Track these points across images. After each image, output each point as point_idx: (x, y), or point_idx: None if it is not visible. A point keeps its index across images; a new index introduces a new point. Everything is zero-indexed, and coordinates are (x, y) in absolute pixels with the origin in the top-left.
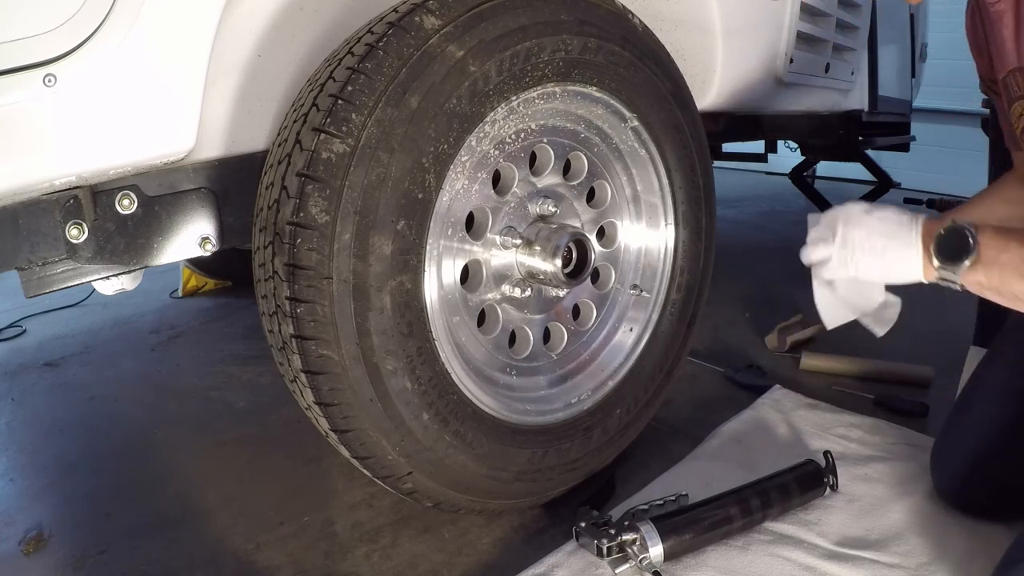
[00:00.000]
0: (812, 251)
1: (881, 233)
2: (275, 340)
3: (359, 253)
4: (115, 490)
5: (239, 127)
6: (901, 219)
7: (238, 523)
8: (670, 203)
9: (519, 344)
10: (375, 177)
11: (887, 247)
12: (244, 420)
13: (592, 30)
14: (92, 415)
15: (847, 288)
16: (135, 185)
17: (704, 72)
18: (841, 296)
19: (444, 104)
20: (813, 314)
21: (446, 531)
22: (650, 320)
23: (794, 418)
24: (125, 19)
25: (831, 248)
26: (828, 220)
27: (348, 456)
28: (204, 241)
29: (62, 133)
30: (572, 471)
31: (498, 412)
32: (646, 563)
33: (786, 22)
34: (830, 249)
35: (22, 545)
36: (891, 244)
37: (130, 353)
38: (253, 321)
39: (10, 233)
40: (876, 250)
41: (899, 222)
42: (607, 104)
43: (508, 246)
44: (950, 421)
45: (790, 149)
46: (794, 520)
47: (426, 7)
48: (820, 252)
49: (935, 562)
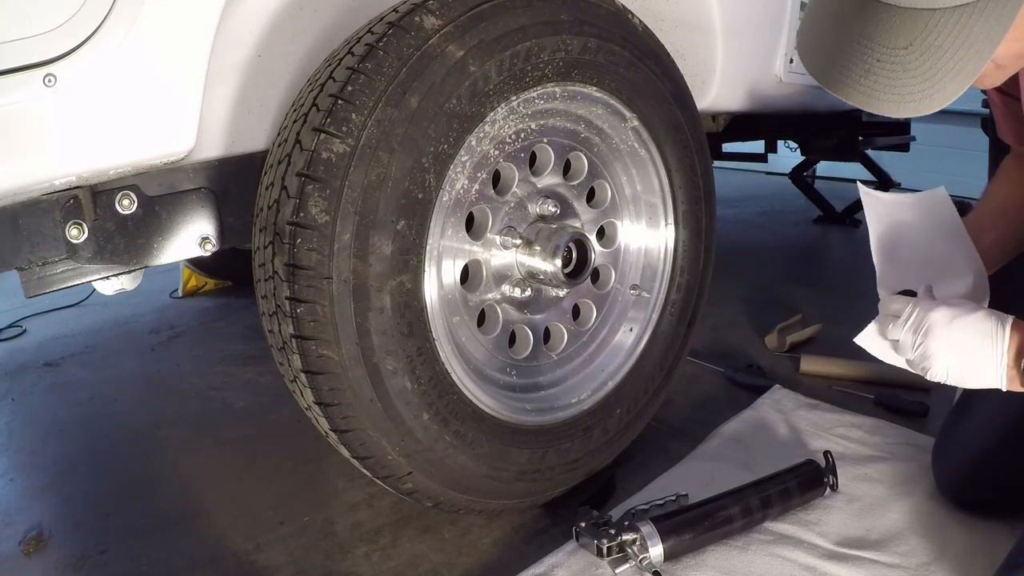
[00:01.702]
0: (890, 331)
1: (964, 350)
2: (275, 340)
3: (359, 253)
4: (115, 490)
5: (239, 127)
6: (986, 329)
7: (238, 523)
8: (670, 203)
9: (519, 344)
10: (375, 177)
11: (968, 364)
12: (244, 420)
13: (592, 30)
14: (92, 415)
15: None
16: (135, 185)
17: (704, 72)
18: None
19: (444, 104)
20: (813, 314)
21: (446, 531)
22: (650, 320)
23: (794, 418)
24: (125, 19)
25: (907, 348)
26: (910, 321)
27: (348, 456)
28: (204, 241)
29: (62, 133)
30: (572, 471)
31: (498, 412)
32: (646, 563)
33: (786, 22)
34: (907, 347)
35: (22, 545)
36: (974, 362)
37: (130, 353)
38: (253, 321)
39: (10, 233)
40: (956, 367)
41: (984, 333)
42: (607, 104)
43: (508, 246)
44: (951, 418)
45: (790, 149)
46: (794, 520)
47: (426, 7)
48: (895, 335)
49: (935, 562)
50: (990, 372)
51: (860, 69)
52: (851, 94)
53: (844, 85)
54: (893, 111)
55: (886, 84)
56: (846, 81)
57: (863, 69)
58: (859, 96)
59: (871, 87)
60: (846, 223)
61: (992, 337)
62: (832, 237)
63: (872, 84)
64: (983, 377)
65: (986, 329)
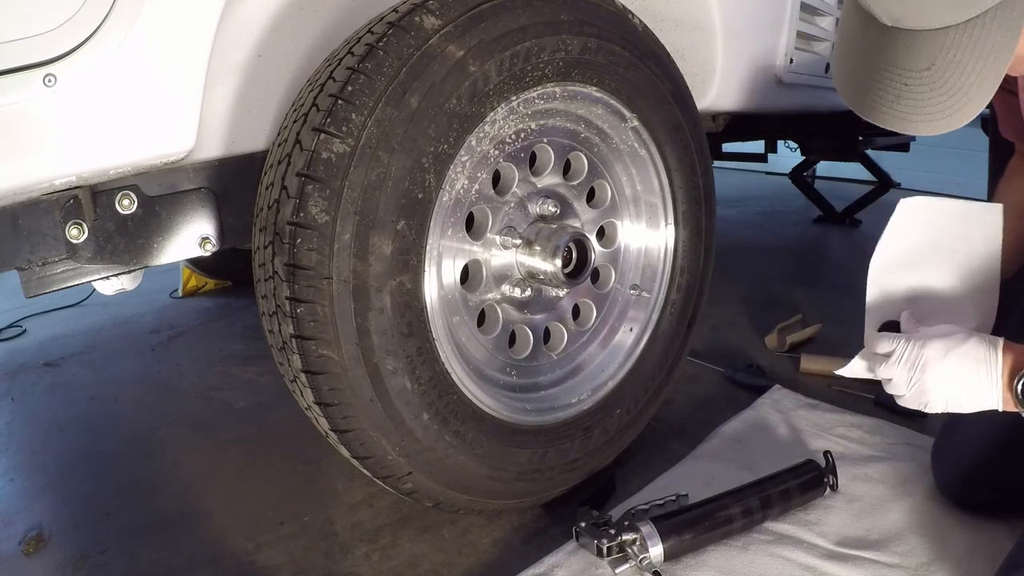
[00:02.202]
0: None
1: (960, 380)
2: (275, 340)
3: (359, 253)
4: (115, 490)
5: (239, 127)
6: (980, 356)
7: (238, 523)
8: (670, 203)
9: (519, 344)
10: (375, 177)
11: (964, 393)
12: (244, 420)
13: (592, 30)
14: (92, 415)
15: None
16: (135, 185)
17: (704, 72)
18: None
19: (444, 104)
20: (813, 314)
21: (446, 531)
22: (650, 320)
23: (794, 418)
24: (125, 19)
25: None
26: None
27: (348, 456)
28: (204, 241)
29: (62, 133)
30: (572, 471)
31: (498, 412)
32: (646, 563)
33: (786, 22)
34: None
35: (22, 545)
36: (971, 389)
37: (130, 353)
38: (253, 321)
39: (10, 233)
40: (954, 398)
41: (979, 360)
42: (607, 104)
43: (508, 246)
44: (951, 420)
45: (790, 149)
46: (794, 520)
47: (426, 7)
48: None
49: (935, 562)
50: (987, 397)
51: (891, 95)
52: (887, 120)
53: (879, 112)
54: (926, 130)
55: (916, 106)
56: (880, 108)
57: (893, 95)
58: (894, 121)
59: (903, 111)
60: (846, 223)
61: (987, 363)
62: (832, 237)
63: (904, 108)
64: (980, 402)
65: (980, 356)
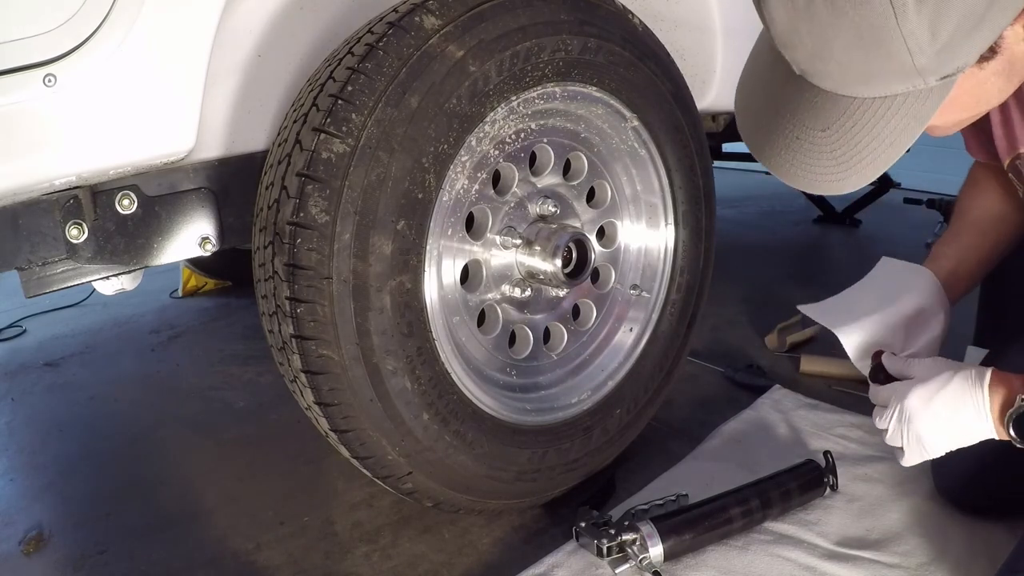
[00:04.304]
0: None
1: (950, 424)
2: (275, 340)
3: (359, 253)
4: (115, 490)
5: (239, 127)
6: (966, 397)
7: (238, 523)
8: (670, 203)
9: (519, 344)
10: (375, 177)
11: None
12: (244, 420)
13: (592, 30)
14: (92, 415)
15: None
16: (135, 185)
17: (704, 72)
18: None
19: (444, 104)
20: None
21: (446, 531)
22: (650, 320)
23: (794, 418)
24: (125, 19)
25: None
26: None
27: (348, 456)
28: (204, 241)
29: (62, 133)
30: (572, 471)
31: (498, 412)
32: (646, 563)
33: None
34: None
35: (22, 545)
36: (963, 430)
37: (130, 353)
38: (253, 321)
39: (10, 233)
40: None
41: (965, 403)
42: (607, 104)
43: (508, 246)
44: None
45: None
46: (794, 520)
47: (426, 7)
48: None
49: (935, 562)
50: (981, 432)
51: (782, 142)
52: (772, 164)
53: (767, 155)
54: (807, 188)
55: (803, 162)
56: (768, 151)
57: (784, 143)
58: (778, 168)
59: (789, 162)
60: (846, 223)
61: (974, 405)
62: (832, 237)
63: (791, 159)
64: (975, 437)
65: (966, 397)
